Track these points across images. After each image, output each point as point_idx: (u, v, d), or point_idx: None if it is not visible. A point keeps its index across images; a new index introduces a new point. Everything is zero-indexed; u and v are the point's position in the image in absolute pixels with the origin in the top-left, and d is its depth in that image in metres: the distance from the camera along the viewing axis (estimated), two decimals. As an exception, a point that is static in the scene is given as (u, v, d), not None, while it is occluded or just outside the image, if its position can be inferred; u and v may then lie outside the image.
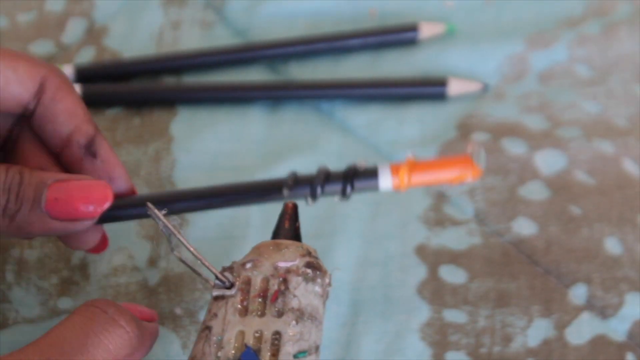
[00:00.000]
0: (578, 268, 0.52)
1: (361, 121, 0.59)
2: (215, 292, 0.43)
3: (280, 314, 0.42)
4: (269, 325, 0.42)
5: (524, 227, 0.54)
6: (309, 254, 0.44)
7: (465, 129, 0.58)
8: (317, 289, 0.43)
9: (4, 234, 0.44)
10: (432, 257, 0.53)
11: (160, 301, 0.51)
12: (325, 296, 0.43)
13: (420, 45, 0.62)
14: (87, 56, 0.61)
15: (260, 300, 0.43)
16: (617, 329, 0.50)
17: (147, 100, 0.59)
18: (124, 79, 0.60)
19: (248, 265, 0.44)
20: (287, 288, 0.42)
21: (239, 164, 0.57)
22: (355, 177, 0.45)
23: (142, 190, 0.55)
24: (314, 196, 0.45)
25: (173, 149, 0.57)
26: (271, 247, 0.44)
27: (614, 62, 0.61)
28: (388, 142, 0.58)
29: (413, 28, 0.61)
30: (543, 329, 0.50)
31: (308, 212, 0.54)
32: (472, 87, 0.60)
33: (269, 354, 0.41)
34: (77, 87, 0.58)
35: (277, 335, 0.41)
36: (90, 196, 0.44)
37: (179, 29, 0.63)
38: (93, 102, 0.58)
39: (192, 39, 0.62)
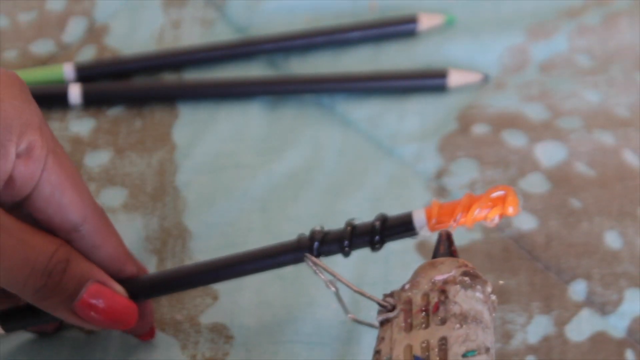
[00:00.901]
0: (578, 264, 0.52)
1: (362, 115, 0.59)
2: (380, 318, 0.43)
3: (443, 322, 0.41)
4: (434, 333, 0.41)
5: (524, 221, 0.54)
6: (465, 265, 0.44)
7: (465, 121, 0.58)
8: (478, 294, 0.42)
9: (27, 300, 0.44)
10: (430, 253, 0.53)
11: (161, 307, 0.52)
12: (489, 304, 0.43)
13: (420, 37, 0.62)
14: (87, 55, 0.61)
15: (423, 314, 0.42)
16: (616, 325, 0.51)
17: (147, 97, 0.59)
18: (125, 77, 0.61)
19: (407, 287, 0.44)
20: (447, 297, 0.42)
21: (241, 161, 0.57)
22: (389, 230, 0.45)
23: (148, 205, 0.55)
24: (345, 253, 0.45)
25: (176, 156, 0.57)
26: (427, 267, 0.44)
27: (615, 52, 0.61)
28: (389, 136, 0.58)
29: (412, 20, 0.61)
30: (543, 326, 0.50)
31: (308, 209, 0.55)
32: (472, 78, 0.60)
33: (437, 358, 0.41)
34: (77, 87, 0.58)
35: (444, 341, 0.41)
36: (119, 315, 0.44)
37: (179, 27, 0.63)
38: (94, 101, 0.59)
39: (192, 37, 0.62)
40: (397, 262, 0.53)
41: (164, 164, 0.57)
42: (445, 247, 0.45)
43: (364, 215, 0.54)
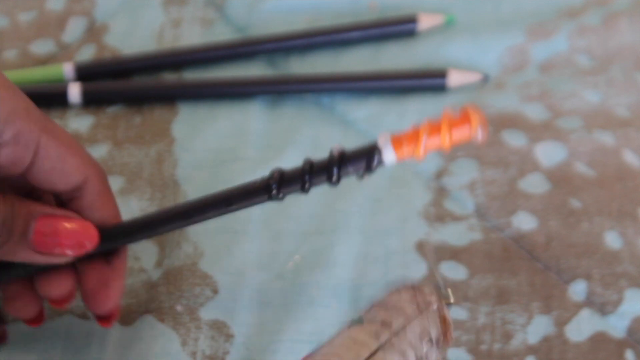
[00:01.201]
0: (578, 264, 0.52)
1: (362, 114, 0.59)
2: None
3: None
4: None
5: (524, 221, 0.54)
6: None
7: (466, 121, 0.58)
8: None
9: None
10: (432, 254, 0.53)
11: (160, 294, 0.52)
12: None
13: (420, 37, 0.62)
14: (87, 55, 0.61)
15: None
16: (616, 325, 0.51)
17: (147, 97, 0.59)
18: (124, 76, 0.61)
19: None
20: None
21: (240, 159, 0.57)
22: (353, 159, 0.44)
23: (145, 190, 0.55)
24: (304, 189, 0.45)
25: (175, 149, 0.57)
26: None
27: (615, 52, 0.61)
28: (389, 135, 0.58)
29: (412, 20, 0.61)
30: (543, 326, 0.51)
31: (308, 209, 0.55)
32: (472, 78, 0.60)
33: None
34: (78, 86, 0.58)
35: None
36: (76, 238, 0.45)
37: (179, 26, 0.63)
38: (94, 100, 0.59)
39: (192, 37, 0.62)
40: (397, 262, 0.53)
41: (162, 154, 0.57)
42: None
43: (364, 215, 0.54)
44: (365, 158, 0.44)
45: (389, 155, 0.43)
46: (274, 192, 0.45)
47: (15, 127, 0.42)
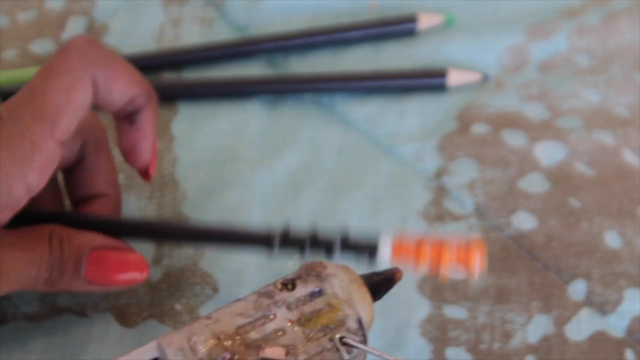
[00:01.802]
0: (577, 263, 0.52)
1: (361, 114, 0.59)
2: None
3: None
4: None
5: (523, 221, 0.54)
6: None
7: (465, 120, 0.58)
8: None
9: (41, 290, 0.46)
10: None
11: (162, 297, 0.52)
12: None
13: (420, 37, 0.62)
14: (87, 54, 0.61)
15: None
16: (616, 325, 0.51)
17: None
18: (125, 76, 0.61)
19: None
20: None
21: (240, 159, 0.57)
22: (352, 248, 0.45)
23: (144, 188, 0.55)
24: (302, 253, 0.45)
25: (174, 147, 0.57)
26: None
27: (614, 52, 0.61)
28: (388, 135, 0.58)
29: (412, 19, 0.61)
30: (543, 325, 0.51)
31: (307, 207, 0.55)
32: (471, 77, 0.60)
33: None
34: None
35: None
36: (127, 270, 0.47)
37: (179, 26, 0.63)
38: (94, 101, 0.59)
39: (192, 36, 0.62)
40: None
41: (162, 152, 0.57)
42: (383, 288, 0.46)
43: (364, 215, 0.54)
44: (364, 251, 0.44)
45: (384, 256, 0.44)
46: (275, 249, 0.45)
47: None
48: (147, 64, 0.61)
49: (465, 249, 0.43)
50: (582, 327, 0.51)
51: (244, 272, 0.52)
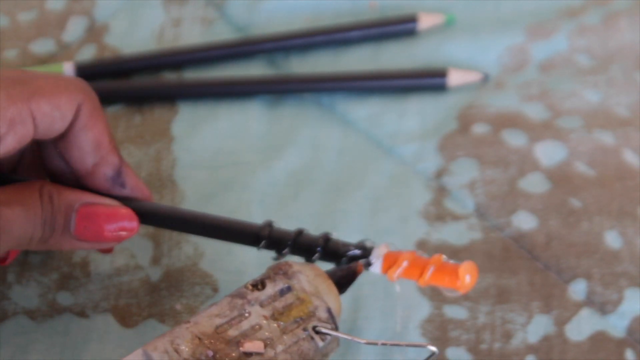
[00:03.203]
0: (578, 263, 0.52)
1: (362, 114, 0.59)
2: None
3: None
4: None
5: (524, 221, 0.54)
6: None
7: (465, 120, 0.58)
8: None
9: (33, 249, 0.47)
10: (433, 253, 0.53)
11: (162, 297, 0.52)
12: None
13: (420, 37, 0.62)
14: (88, 54, 0.61)
15: None
16: (616, 325, 0.51)
17: (147, 96, 0.59)
18: (124, 76, 0.61)
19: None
20: None
21: (240, 159, 0.57)
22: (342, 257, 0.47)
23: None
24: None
25: (173, 147, 0.57)
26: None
27: (615, 51, 0.61)
28: (389, 135, 0.58)
29: (412, 19, 0.61)
30: (543, 325, 0.51)
31: (308, 208, 0.55)
32: (472, 77, 0.60)
33: None
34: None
35: None
36: (117, 225, 0.46)
37: (179, 26, 0.63)
38: (94, 101, 0.59)
39: (193, 36, 0.62)
40: (397, 261, 0.53)
41: (161, 152, 0.57)
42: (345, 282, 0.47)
43: (364, 215, 0.54)
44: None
45: (375, 268, 0.47)
46: (262, 244, 0.48)
47: (5, 116, 0.43)
48: (147, 64, 0.61)
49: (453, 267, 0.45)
50: (582, 327, 0.50)
51: (243, 272, 0.52)
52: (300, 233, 0.48)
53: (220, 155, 0.57)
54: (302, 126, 0.58)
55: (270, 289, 0.45)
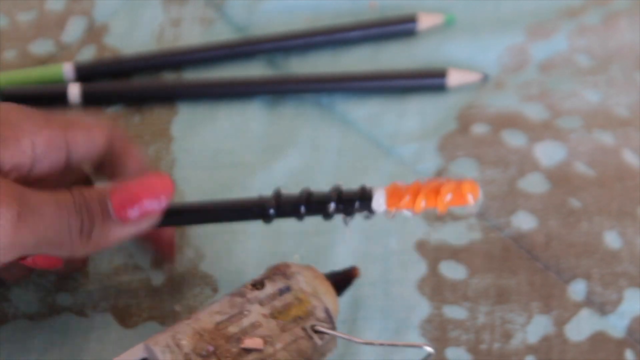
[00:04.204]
0: (577, 263, 0.52)
1: (361, 114, 0.59)
2: None
3: None
4: None
5: (523, 221, 0.54)
6: None
7: (465, 120, 0.58)
8: None
9: (82, 254, 0.45)
10: (432, 253, 0.53)
11: (163, 300, 0.52)
12: None
13: (420, 37, 0.62)
14: (87, 55, 0.61)
15: None
16: (616, 325, 0.51)
17: (147, 96, 0.59)
18: (124, 76, 0.61)
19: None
20: None
21: (239, 160, 0.57)
22: (348, 200, 0.47)
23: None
24: (299, 217, 0.48)
25: (173, 148, 0.57)
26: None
27: (615, 51, 0.61)
28: (388, 135, 0.58)
29: (412, 19, 0.61)
30: (542, 326, 0.51)
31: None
32: (472, 77, 0.60)
33: None
34: (77, 86, 0.58)
35: None
36: (152, 190, 0.45)
37: (179, 26, 0.63)
38: (93, 101, 0.59)
39: (192, 37, 0.62)
40: (397, 261, 0.53)
41: (160, 152, 0.57)
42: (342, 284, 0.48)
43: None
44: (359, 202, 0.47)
45: (379, 202, 0.46)
46: (271, 214, 0.48)
47: (42, 138, 0.45)
48: (147, 64, 0.61)
49: (459, 184, 0.45)
50: (582, 327, 0.51)
51: (243, 272, 0.52)
52: (309, 194, 0.47)
53: (220, 155, 0.57)
54: (302, 126, 0.58)
55: (270, 289, 0.46)
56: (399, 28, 0.62)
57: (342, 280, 0.48)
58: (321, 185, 0.55)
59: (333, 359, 0.49)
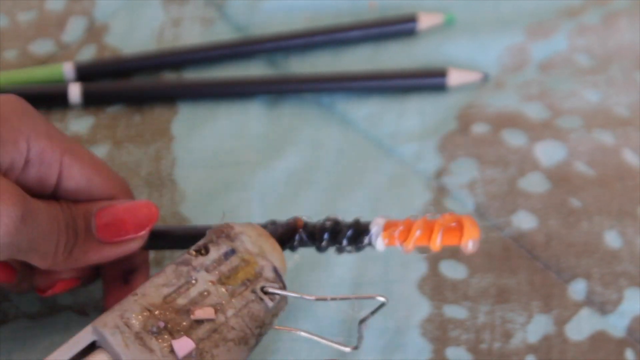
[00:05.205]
0: (577, 263, 0.52)
1: (362, 114, 0.59)
2: None
3: None
4: None
5: (524, 221, 0.54)
6: None
7: (465, 120, 0.58)
8: None
9: (59, 268, 0.45)
10: (433, 252, 0.53)
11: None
12: None
13: (420, 37, 0.62)
14: (87, 55, 0.61)
15: None
16: (616, 324, 0.51)
17: (147, 96, 0.59)
18: (124, 76, 0.61)
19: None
20: None
21: (240, 159, 0.57)
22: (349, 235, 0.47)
23: (142, 190, 0.55)
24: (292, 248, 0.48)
25: (173, 147, 0.57)
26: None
27: (614, 51, 0.61)
28: (389, 135, 0.58)
29: (412, 19, 0.61)
30: (543, 325, 0.51)
31: (308, 208, 0.55)
32: (472, 77, 0.60)
33: None
34: (78, 86, 0.58)
35: None
36: (137, 215, 0.46)
37: (179, 26, 0.63)
38: (94, 101, 0.59)
39: (192, 36, 0.62)
40: (397, 260, 0.53)
41: (161, 151, 0.57)
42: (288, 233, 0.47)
43: (364, 215, 0.54)
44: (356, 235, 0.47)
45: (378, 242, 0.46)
46: None
47: (39, 146, 0.44)
48: (148, 64, 0.61)
49: (457, 221, 0.45)
50: (582, 326, 0.51)
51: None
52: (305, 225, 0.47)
53: (220, 154, 0.57)
54: (302, 126, 0.58)
55: (215, 253, 0.45)
56: (399, 28, 0.62)
57: (285, 234, 0.47)
58: (322, 184, 0.56)
59: (333, 358, 0.50)
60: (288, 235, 0.47)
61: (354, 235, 0.46)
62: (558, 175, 0.56)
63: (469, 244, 0.44)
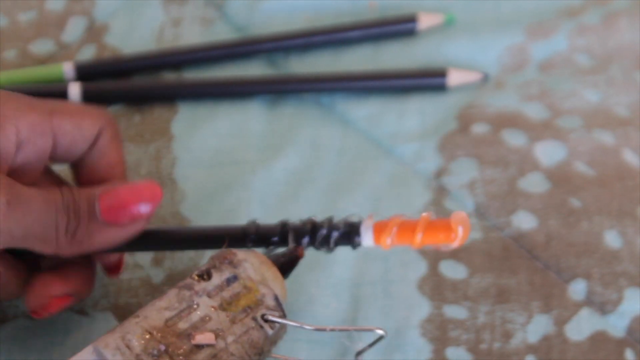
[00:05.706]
0: (577, 263, 0.52)
1: (361, 114, 0.59)
2: None
3: None
4: None
5: (524, 221, 0.54)
6: None
7: (465, 120, 0.58)
8: None
9: (66, 253, 0.45)
10: (433, 253, 0.53)
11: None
12: None
13: (420, 37, 0.62)
14: (87, 54, 0.61)
15: None
16: (616, 325, 0.51)
17: (147, 96, 0.59)
18: (124, 76, 0.61)
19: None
20: None
21: (240, 159, 0.57)
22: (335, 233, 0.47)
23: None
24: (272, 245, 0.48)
25: (173, 146, 0.57)
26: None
27: (614, 51, 0.61)
28: (389, 135, 0.58)
29: (412, 19, 0.61)
30: (543, 325, 0.51)
31: (308, 207, 0.55)
32: (472, 77, 0.60)
33: None
34: (77, 86, 0.58)
35: None
36: (141, 196, 0.46)
37: (179, 26, 0.63)
38: (93, 100, 0.59)
39: (192, 36, 0.62)
40: (397, 260, 0.53)
41: (161, 151, 0.57)
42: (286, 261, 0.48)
43: (364, 215, 0.54)
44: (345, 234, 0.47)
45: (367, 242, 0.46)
46: (250, 242, 0.48)
47: (27, 122, 0.44)
48: (147, 64, 0.61)
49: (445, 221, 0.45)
50: (582, 326, 0.50)
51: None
52: (284, 225, 0.47)
53: (220, 154, 0.57)
54: (302, 126, 0.58)
55: (217, 279, 0.45)
56: (399, 28, 0.62)
57: (287, 263, 0.47)
58: (322, 184, 0.56)
59: (332, 358, 0.50)
60: (289, 264, 0.47)
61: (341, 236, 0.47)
62: (558, 175, 0.56)
63: (456, 241, 0.44)
